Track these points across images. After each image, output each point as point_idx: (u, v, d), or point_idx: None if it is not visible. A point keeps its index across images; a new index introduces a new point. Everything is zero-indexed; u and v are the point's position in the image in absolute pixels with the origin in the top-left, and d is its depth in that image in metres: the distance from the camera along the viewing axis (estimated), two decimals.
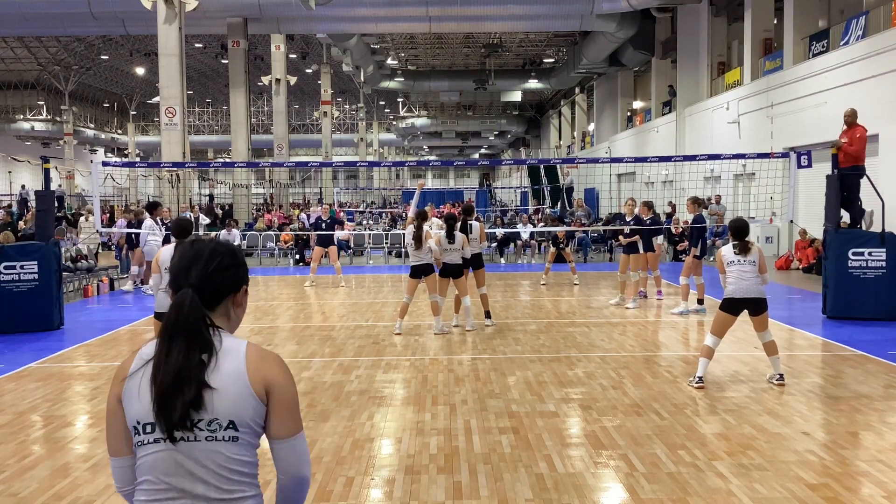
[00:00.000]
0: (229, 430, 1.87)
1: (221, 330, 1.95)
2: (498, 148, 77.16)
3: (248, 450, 1.91)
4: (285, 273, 18.95)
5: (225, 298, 2.00)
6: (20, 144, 54.50)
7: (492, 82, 45.06)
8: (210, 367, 1.87)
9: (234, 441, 1.88)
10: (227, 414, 1.87)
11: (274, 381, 1.93)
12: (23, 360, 8.72)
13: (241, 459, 1.90)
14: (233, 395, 1.87)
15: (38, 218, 11.46)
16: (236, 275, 2.02)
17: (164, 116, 21.10)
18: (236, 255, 2.04)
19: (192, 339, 1.87)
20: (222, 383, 1.87)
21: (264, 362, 1.93)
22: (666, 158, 18.62)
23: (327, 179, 43.58)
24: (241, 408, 1.88)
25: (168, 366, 1.84)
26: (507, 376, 7.68)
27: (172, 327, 1.89)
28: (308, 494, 4.64)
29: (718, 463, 5.14)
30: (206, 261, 1.97)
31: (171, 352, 1.85)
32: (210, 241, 2.05)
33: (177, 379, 1.83)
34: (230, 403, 1.87)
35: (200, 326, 1.89)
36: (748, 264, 7.10)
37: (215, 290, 1.98)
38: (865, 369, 7.84)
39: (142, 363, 1.92)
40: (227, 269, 2.00)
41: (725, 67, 25.98)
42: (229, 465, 1.88)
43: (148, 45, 40.16)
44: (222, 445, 1.87)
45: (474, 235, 10.66)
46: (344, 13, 26.54)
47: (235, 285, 2.02)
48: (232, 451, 1.88)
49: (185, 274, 1.97)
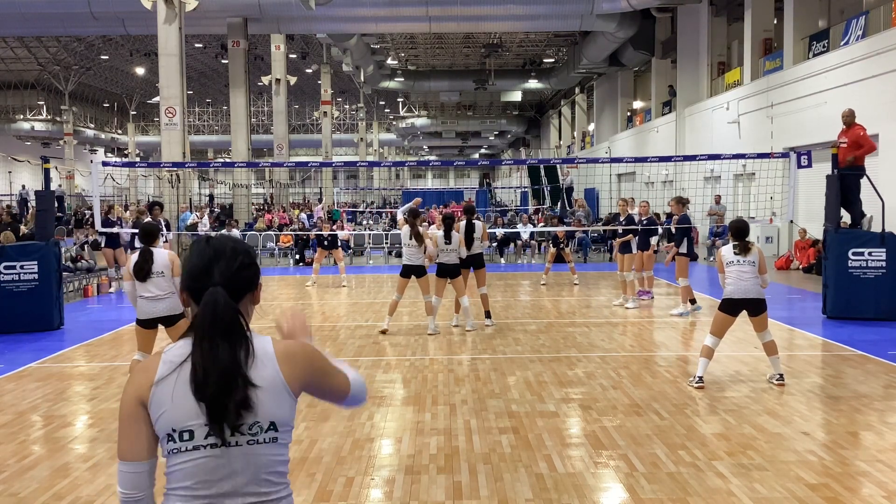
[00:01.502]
0: (270, 431, 1.86)
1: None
2: (498, 148, 77.15)
3: (284, 449, 1.91)
4: (285, 273, 18.95)
5: (245, 296, 1.97)
6: (20, 144, 54.48)
7: (492, 82, 45.05)
8: (251, 365, 1.85)
9: (274, 442, 1.87)
10: (268, 415, 1.85)
11: (310, 371, 1.95)
12: (23, 360, 8.72)
13: (278, 460, 1.89)
14: (272, 394, 1.86)
15: (38, 218, 11.46)
16: (255, 272, 2.01)
17: (164, 116, 21.10)
18: (251, 252, 2.03)
19: (233, 338, 1.85)
20: (264, 382, 1.85)
21: (296, 359, 1.93)
22: (666, 158, 18.62)
23: (327, 179, 43.55)
24: (281, 408, 1.88)
25: (216, 367, 1.81)
26: (507, 376, 7.68)
27: (211, 327, 1.85)
28: (308, 494, 4.67)
29: (718, 463, 5.14)
30: (230, 259, 1.94)
31: (216, 353, 1.82)
32: (227, 238, 2.02)
33: (226, 380, 1.81)
34: (271, 404, 1.86)
35: (239, 324, 1.87)
36: (748, 265, 7.10)
37: (238, 289, 1.94)
38: (865, 369, 7.84)
39: (172, 367, 1.86)
40: (248, 267, 1.97)
41: (725, 67, 25.97)
42: (269, 467, 1.87)
43: (148, 45, 40.15)
44: (263, 448, 1.86)
45: (478, 235, 10.66)
46: (344, 13, 26.53)
47: (254, 282, 2.01)
48: (272, 453, 1.87)
49: (207, 273, 1.92)
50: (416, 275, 9.98)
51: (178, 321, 6.57)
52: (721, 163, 18.82)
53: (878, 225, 11.65)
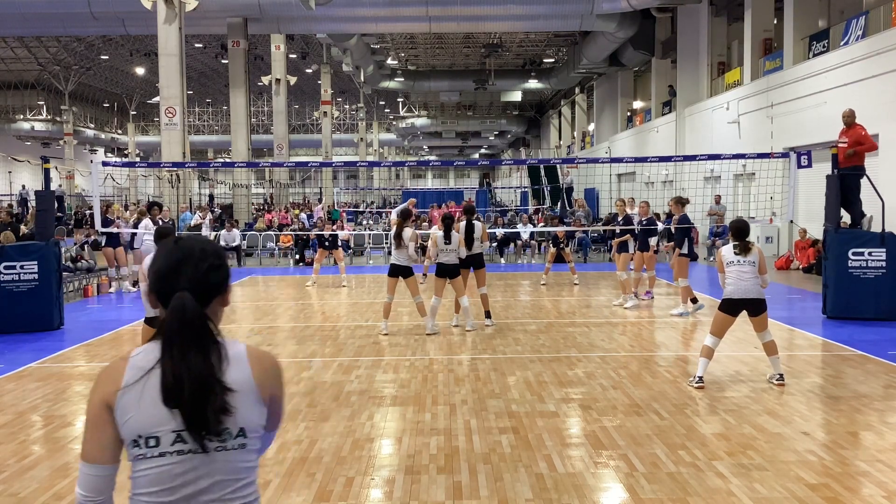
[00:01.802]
0: (239, 437, 1.85)
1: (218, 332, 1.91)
2: (498, 148, 77.16)
3: (253, 455, 1.90)
4: (285, 273, 18.95)
5: (214, 299, 1.93)
6: (20, 144, 54.49)
7: (492, 82, 45.05)
8: (225, 370, 1.84)
9: (242, 448, 1.86)
10: (238, 421, 1.83)
11: (277, 386, 1.95)
12: (23, 360, 8.72)
13: (245, 467, 1.88)
14: (245, 400, 1.84)
15: (38, 218, 11.46)
16: (225, 274, 1.96)
17: (164, 116, 21.10)
18: (221, 253, 1.99)
19: (204, 344, 1.83)
20: (238, 387, 1.84)
21: (268, 367, 1.92)
22: (666, 158, 18.62)
23: (327, 179, 43.56)
24: (251, 414, 1.86)
25: (189, 374, 1.78)
26: (507, 376, 7.68)
27: (180, 334, 1.82)
28: (308, 494, 4.66)
29: (718, 463, 5.14)
30: (198, 261, 1.90)
31: (188, 360, 1.79)
32: (196, 240, 1.97)
33: (202, 387, 1.79)
34: (243, 409, 1.84)
35: (207, 329, 1.85)
36: (748, 265, 7.09)
37: (207, 292, 1.90)
38: (865, 369, 7.84)
39: (140, 373, 1.83)
40: (217, 270, 1.93)
41: (725, 67, 25.97)
42: (236, 473, 1.86)
43: (148, 45, 40.16)
44: (232, 454, 1.84)
45: (477, 235, 10.66)
46: (344, 13, 26.54)
47: (224, 285, 1.96)
48: (239, 459, 1.86)
49: (175, 276, 1.88)
50: (402, 275, 9.96)
51: None
52: (721, 163, 18.83)
53: (878, 225, 11.64)
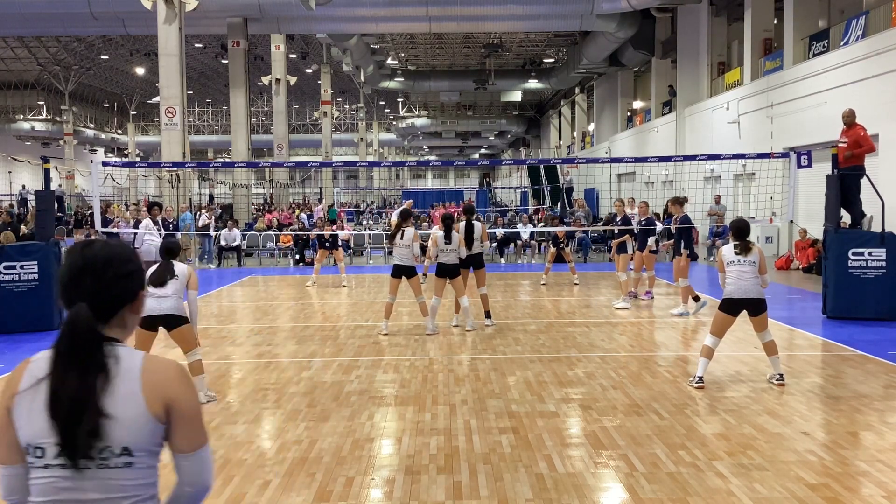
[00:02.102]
0: (123, 456, 1.78)
1: (117, 344, 1.84)
2: (498, 148, 77.16)
3: (143, 471, 1.82)
4: (285, 273, 18.95)
5: (122, 309, 1.87)
6: (20, 144, 54.51)
7: (492, 82, 45.05)
8: (106, 391, 1.76)
9: (129, 466, 1.79)
10: (120, 441, 1.77)
11: (174, 398, 1.83)
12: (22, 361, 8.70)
13: (135, 484, 1.80)
14: (128, 420, 1.77)
15: (38, 218, 11.46)
16: (133, 283, 1.89)
17: (164, 116, 21.11)
18: (131, 260, 1.90)
19: (87, 364, 1.76)
20: (118, 409, 1.76)
21: (162, 379, 1.82)
22: (666, 158, 18.62)
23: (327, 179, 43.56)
24: (137, 434, 1.79)
25: (65, 394, 1.74)
26: (507, 376, 7.68)
27: (66, 352, 1.77)
28: (308, 494, 4.67)
29: (718, 463, 5.14)
30: (101, 271, 1.82)
31: (67, 380, 1.74)
32: (103, 245, 1.88)
33: (75, 409, 1.74)
34: (124, 430, 1.77)
35: (94, 349, 1.78)
36: (748, 265, 7.09)
37: (112, 302, 1.84)
38: (865, 369, 7.84)
39: (33, 381, 1.80)
40: (123, 278, 1.86)
41: (725, 67, 25.97)
42: (123, 491, 1.79)
43: (148, 45, 40.17)
44: (114, 472, 1.78)
45: (477, 235, 10.66)
46: (344, 13, 26.54)
47: (133, 294, 1.89)
48: (125, 477, 1.79)
49: (75, 286, 1.82)
50: (406, 275, 9.98)
51: (181, 325, 6.58)
52: (721, 163, 18.83)
53: (878, 225, 11.64)
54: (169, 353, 8.16)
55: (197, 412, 1.89)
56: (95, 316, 1.81)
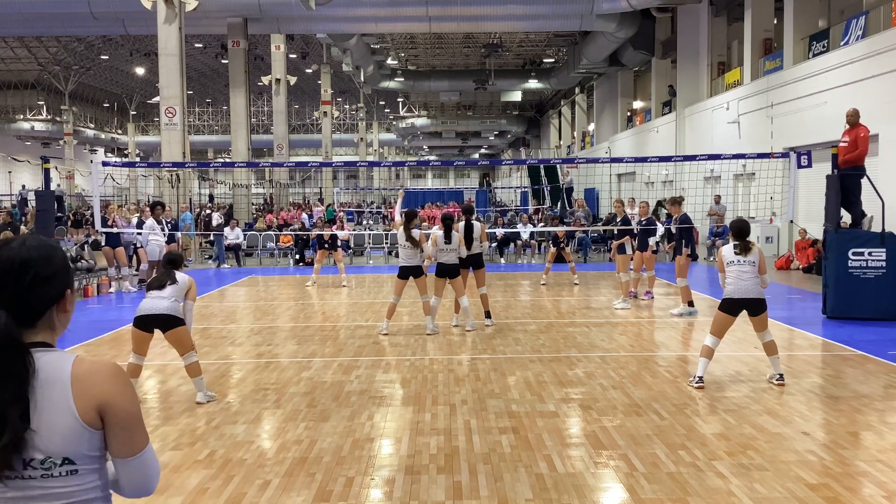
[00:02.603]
0: (65, 465, 1.72)
1: (45, 349, 1.75)
2: (498, 148, 77.17)
3: (90, 475, 1.76)
4: (285, 273, 18.95)
5: (47, 311, 1.77)
6: (20, 144, 54.55)
7: (492, 82, 45.05)
8: (32, 402, 1.68)
9: (74, 474, 1.73)
10: (59, 451, 1.70)
11: (107, 402, 1.74)
12: None
13: (83, 488, 1.75)
14: (61, 430, 1.70)
15: (38, 218, 11.46)
16: (56, 283, 1.78)
17: (164, 116, 21.11)
18: (53, 259, 1.79)
19: (5, 377, 1.66)
20: (48, 420, 1.69)
21: (92, 384, 1.73)
22: (666, 158, 18.63)
23: (327, 179, 43.57)
24: (73, 443, 1.71)
25: None
26: (507, 376, 7.68)
27: None
28: (308, 494, 4.67)
29: (718, 463, 5.14)
30: (18, 275, 1.73)
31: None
32: (20, 245, 1.77)
33: None
34: (59, 440, 1.70)
35: (14, 360, 1.67)
36: (748, 265, 7.09)
37: (35, 306, 1.75)
38: (865, 369, 7.84)
39: None
40: (45, 281, 1.76)
41: (725, 67, 25.98)
42: (70, 497, 1.74)
43: (148, 45, 40.18)
44: (60, 480, 1.72)
45: (476, 235, 10.66)
46: (344, 13, 26.54)
47: (58, 294, 1.79)
48: (72, 483, 1.73)
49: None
50: (413, 275, 10.00)
51: (176, 327, 6.58)
52: (721, 163, 18.83)
53: (878, 225, 11.64)
54: (168, 354, 8.16)
55: (132, 414, 1.78)
56: (19, 321, 1.72)
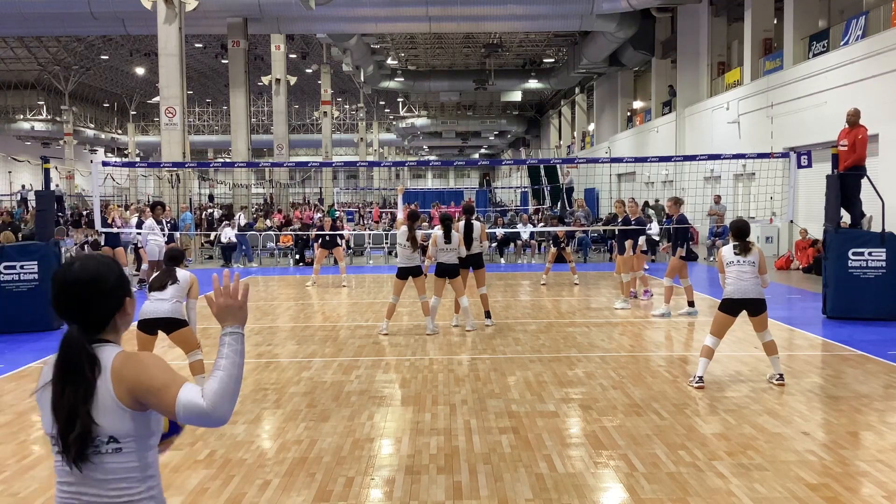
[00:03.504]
0: (111, 443, 2.03)
1: (107, 344, 2.08)
2: (498, 148, 77.14)
3: (133, 455, 2.06)
4: (285, 273, 18.95)
5: (112, 318, 2.11)
6: (20, 144, 54.51)
7: (492, 82, 45.04)
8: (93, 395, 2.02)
9: (118, 452, 2.04)
10: (106, 431, 2.02)
11: (130, 384, 2.02)
12: (23, 360, 8.72)
13: (126, 466, 2.05)
14: (109, 414, 2.01)
15: (38, 218, 11.46)
16: (115, 295, 2.11)
17: (164, 116, 21.11)
18: (109, 276, 2.10)
19: (78, 379, 2.01)
20: (101, 407, 2.01)
21: (119, 373, 2.03)
22: (666, 158, 18.62)
23: (327, 179, 43.56)
24: (116, 423, 2.02)
25: (60, 405, 2.02)
26: (507, 376, 7.68)
27: (60, 369, 2.03)
28: (308, 494, 4.67)
29: (718, 463, 5.14)
30: (81, 293, 2.06)
31: (60, 393, 2.01)
32: (81, 267, 2.08)
33: (68, 418, 2.01)
34: (108, 422, 2.02)
35: (84, 366, 2.01)
36: (747, 265, 7.10)
37: (100, 317, 2.09)
38: (865, 369, 7.84)
39: (44, 383, 2.09)
40: (105, 295, 2.09)
41: (725, 67, 25.98)
42: (116, 473, 2.04)
43: (148, 45, 40.17)
44: (106, 457, 2.03)
45: (476, 235, 10.66)
46: (344, 13, 26.54)
47: (119, 304, 2.12)
48: (116, 461, 2.04)
49: (64, 309, 2.07)
50: (412, 275, 10.00)
51: (181, 328, 6.58)
52: (721, 163, 18.83)
53: (878, 225, 11.64)
54: (168, 354, 8.16)
55: (147, 384, 2.02)
56: (89, 330, 2.07)
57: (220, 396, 2.04)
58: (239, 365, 2.10)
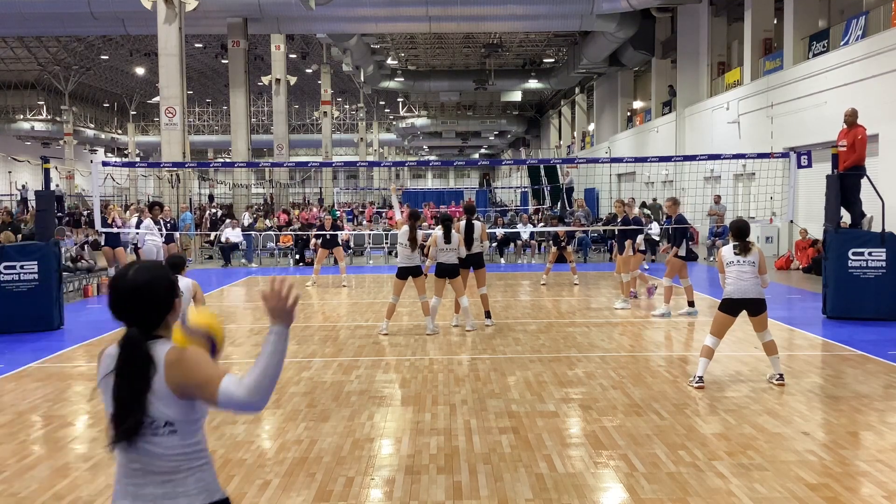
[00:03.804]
0: (167, 427, 2.30)
1: (161, 340, 2.36)
2: (498, 148, 77.11)
3: (188, 436, 2.33)
4: (285, 273, 18.95)
5: (164, 318, 2.40)
6: (20, 144, 54.48)
7: (492, 82, 45.03)
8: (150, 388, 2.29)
9: (174, 434, 2.31)
10: (162, 416, 2.29)
11: (178, 381, 2.28)
12: (23, 360, 8.72)
13: (180, 444, 2.32)
14: (164, 401, 2.29)
15: (37, 218, 11.45)
16: (168, 298, 2.40)
17: (164, 116, 21.11)
18: (160, 281, 2.39)
19: (138, 377, 2.28)
20: (157, 396, 2.28)
21: (171, 367, 2.29)
22: (666, 158, 18.61)
23: (327, 179, 43.55)
24: (171, 409, 2.30)
25: (121, 398, 2.30)
26: (507, 376, 7.68)
27: (122, 368, 2.31)
28: (308, 494, 4.67)
29: (718, 463, 5.14)
30: (138, 300, 2.35)
31: (120, 388, 2.29)
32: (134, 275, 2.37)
33: (128, 408, 2.29)
34: (162, 407, 2.29)
35: (143, 366, 2.29)
36: (747, 265, 7.10)
37: (155, 318, 2.38)
38: (865, 369, 7.84)
39: (106, 373, 2.36)
40: (160, 299, 2.38)
41: (725, 67, 25.98)
42: (171, 451, 2.31)
43: (148, 45, 40.15)
44: (163, 439, 2.30)
45: (476, 235, 10.66)
46: (344, 13, 26.53)
47: (170, 306, 2.41)
48: (172, 441, 2.31)
49: (121, 312, 2.37)
50: (412, 275, 10.00)
51: None
52: (721, 163, 18.83)
53: (878, 225, 11.64)
54: None
55: (191, 380, 2.27)
56: (145, 328, 2.35)
57: (255, 388, 2.23)
58: (278, 361, 2.27)
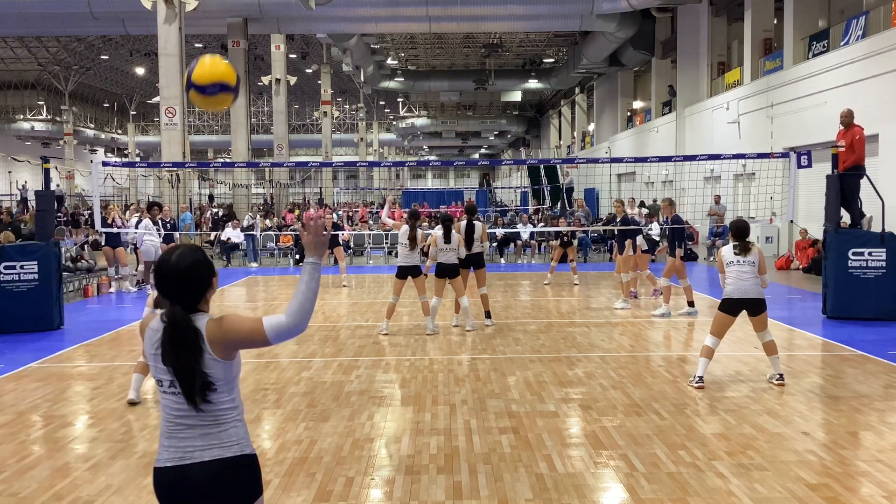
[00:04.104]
0: (213, 386, 2.62)
1: (201, 313, 2.64)
2: (498, 148, 77.11)
3: (225, 392, 2.64)
4: (285, 273, 18.94)
5: (204, 295, 2.68)
6: (20, 144, 54.46)
7: (492, 82, 45.01)
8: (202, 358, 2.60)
9: (214, 391, 2.62)
10: (209, 379, 2.60)
11: (221, 340, 2.59)
12: (23, 360, 8.72)
13: (220, 400, 2.64)
14: (209, 366, 2.60)
15: (38, 218, 11.45)
16: (208, 277, 2.69)
17: (164, 116, 21.11)
18: (201, 263, 2.67)
19: (188, 344, 2.59)
20: (204, 362, 2.59)
21: (215, 334, 2.59)
22: (666, 158, 18.60)
23: (327, 179, 43.54)
24: (213, 371, 2.61)
25: (181, 365, 2.59)
26: (507, 376, 7.68)
27: (171, 341, 2.59)
28: (308, 494, 4.66)
29: (718, 463, 5.14)
30: (180, 281, 2.62)
31: (179, 357, 2.58)
32: (177, 259, 2.63)
33: (189, 376, 2.59)
34: (208, 370, 2.60)
35: (191, 337, 2.59)
36: (747, 265, 7.10)
37: (196, 297, 2.66)
38: (865, 369, 7.84)
39: (154, 331, 2.66)
40: (199, 280, 2.66)
41: (725, 67, 25.97)
42: (219, 405, 2.64)
43: (148, 45, 40.14)
44: (212, 395, 2.61)
45: (477, 235, 10.66)
46: (344, 13, 26.52)
47: (209, 284, 2.70)
48: (213, 397, 2.62)
49: (167, 292, 2.63)
50: (411, 275, 10.00)
51: None
52: (721, 163, 18.82)
53: (878, 225, 11.64)
54: None
55: (241, 333, 2.61)
56: (188, 305, 2.62)
57: (299, 311, 2.59)
58: (314, 289, 2.63)
